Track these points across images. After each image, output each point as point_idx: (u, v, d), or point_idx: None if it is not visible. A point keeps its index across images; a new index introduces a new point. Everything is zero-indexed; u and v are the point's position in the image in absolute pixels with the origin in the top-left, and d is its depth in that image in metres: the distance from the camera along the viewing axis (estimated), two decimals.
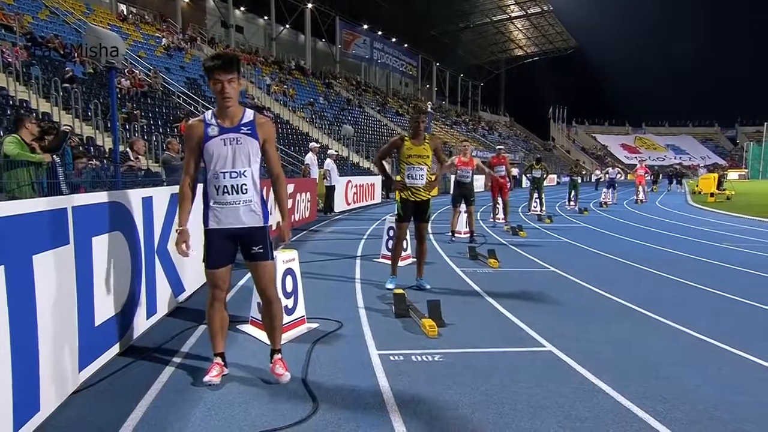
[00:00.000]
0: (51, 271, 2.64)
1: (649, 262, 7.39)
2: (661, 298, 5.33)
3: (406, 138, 5.54)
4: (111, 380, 3.13)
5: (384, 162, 5.99)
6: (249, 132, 2.96)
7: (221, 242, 3.02)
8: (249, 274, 3.21)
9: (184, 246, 3.00)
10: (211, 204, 2.99)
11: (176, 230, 3.01)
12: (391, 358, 3.56)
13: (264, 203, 3.08)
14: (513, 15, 61.96)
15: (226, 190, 2.94)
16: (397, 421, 2.66)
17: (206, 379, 3.03)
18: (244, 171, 2.95)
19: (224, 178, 2.93)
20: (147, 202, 4.02)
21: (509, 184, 11.91)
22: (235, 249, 3.09)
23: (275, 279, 3.27)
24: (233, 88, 2.89)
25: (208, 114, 3.00)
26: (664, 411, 2.76)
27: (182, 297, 4.90)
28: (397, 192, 5.66)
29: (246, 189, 2.96)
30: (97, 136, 14.38)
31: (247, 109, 3.04)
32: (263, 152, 3.05)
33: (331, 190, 14.52)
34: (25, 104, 13.60)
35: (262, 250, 3.06)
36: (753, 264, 7.28)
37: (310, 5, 44.45)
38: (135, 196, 3.82)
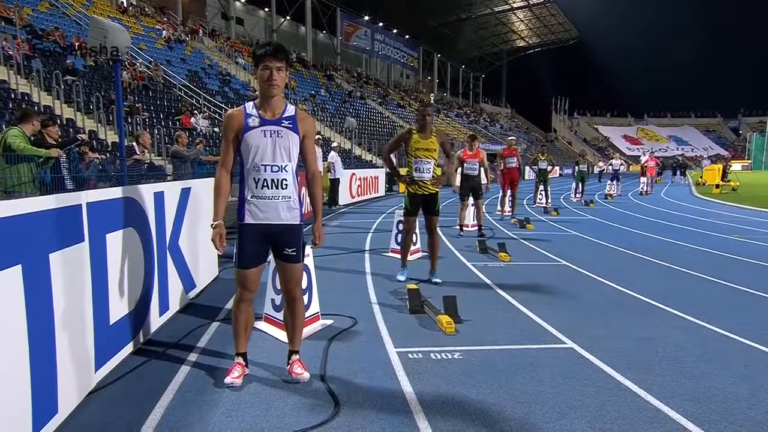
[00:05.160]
0: (67, 269, 2.56)
1: (660, 254, 7.32)
2: (677, 292, 5.25)
3: (414, 131, 5.50)
4: (127, 380, 3.07)
5: (392, 155, 5.96)
6: (290, 126, 2.88)
7: (255, 240, 2.93)
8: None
9: (218, 240, 2.88)
10: (248, 197, 2.89)
11: (212, 225, 2.89)
12: (410, 356, 3.49)
13: (301, 201, 3.01)
14: (515, 5, 61.38)
15: (265, 184, 2.85)
16: (422, 422, 2.60)
17: (228, 380, 2.96)
18: (285, 166, 2.86)
19: (264, 171, 2.84)
20: (159, 197, 3.94)
21: (520, 176, 11.82)
22: (267, 248, 3.00)
23: (302, 280, 3.20)
24: (281, 77, 2.82)
25: (249, 105, 2.91)
26: (696, 411, 2.69)
27: (193, 293, 4.84)
28: (401, 185, 5.63)
29: (286, 184, 2.88)
30: (100, 129, 14.27)
31: (288, 104, 2.96)
32: (301, 148, 2.96)
33: (335, 183, 14.44)
34: (26, 97, 13.49)
35: (294, 253, 2.99)
36: (766, 257, 7.19)
37: None
38: (147, 192, 3.75)
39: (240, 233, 2.94)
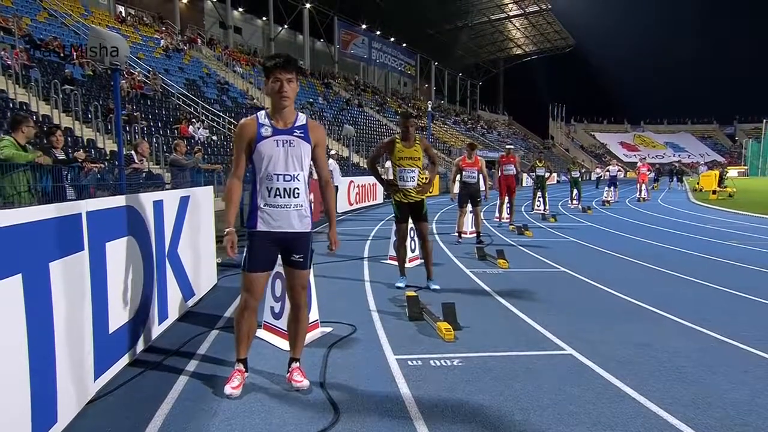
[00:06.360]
0: (67, 278, 2.57)
1: (658, 260, 7.34)
2: (675, 297, 5.27)
3: (397, 140, 5.56)
4: (126, 389, 3.06)
5: (377, 165, 6.02)
6: (302, 135, 2.91)
7: (266, 246, 2.94)
8: None
9: (230, 246, 2.89)
10: (261, 206, 2.91)
11: (225, 232, 2.90)
12: (409, 362, 3.50)
13: (311, 209, 3.03)
14: (511, 14, 61.95)
15: (278, 193, 2.87)
16: (422, 428, 2.60)
17: (227, 390, 2.93)
18: (297, 175, 2.89)
19: (277, 180, 2.86)
20: (158, 206, 3.95)
21: (517, 183, 11.87)
22: (277, 256, 3.02)
23: (308, 287, 3.20)
24: (291, 88, 2.85)
25: (261, 114, 2.94)
26: (695, 417, 2.70)
27: (192, 301, 4.83)
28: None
29: (298, 193, 2.90)
30: (98, 138, 14.30)
31: (299, 113, 2.99)
32: (313, 156, 3.00)
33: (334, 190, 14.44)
34: (25, 107, 13.51)
35: (302, 259, 3.01)
36: (764, 262, 7.22)
37: (308, 5, 44.37)
38: (146, 200, 3.76)
39: (251, 238, 2.96)
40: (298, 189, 2.90)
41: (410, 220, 5.78)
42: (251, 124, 2.89)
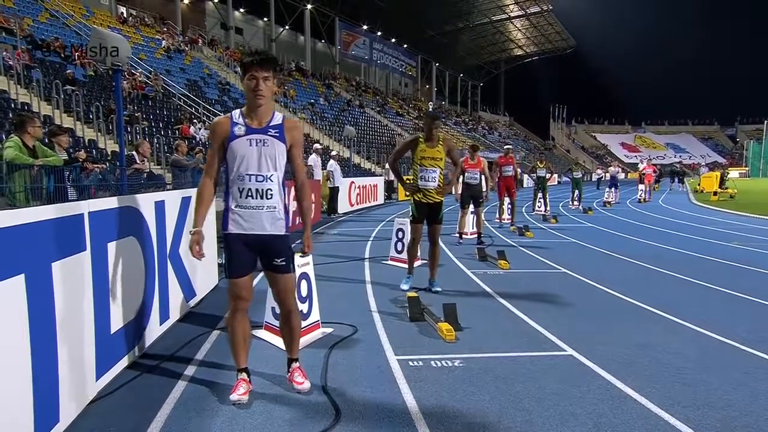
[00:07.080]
0: (69, 278, 2.58)
1: (659, 262, 7.34)
2: (675, 299, 5.27)
3: (420, 140, 5.52)
4: (128, 389, 3.07)
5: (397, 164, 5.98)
6: (277, 135, 2.83)
7: (242, 249, 2.86)
8: (262, 276, 3.11)
9: (197, 248, 2.83)
10: (232, 207, 2.83)
11: (191, 232, 2.85)
12: (410, 363, 3.50)
13: (287, 211, 2.94)
14: (512, 15, 61.97)
15: (250, 194, 2.80)
16: (423, 429, 2.61)
17: (234, 398, 2.88)
18: (270, 175, 2.81)
19: (249, 180, 2.79)
20: (159, 206, 3.96)
21: (516, 184, 11.86)
22: (255, 256, 2.93)
23: (295, 289, 3.15)
24: (267, 87, 2.78)
25: (236, 113, 2.87)
26: (696, 418, 2.70)
27: (193, 302, 4.84)
28: (401, 193, 5.66)
29: (271, 194, 2.82)
30: (99, 138, 14.32)
31: (276, 112, 2.91)
32: (289, 157, 2.91)
33: (334, 191, 14.47)
34: (26, 107, 13.53)
35: (284, 263, 2.93)
36: (765, 264, 7.22)
37: (309, 6, 44.44)
38: (148, 200, 3.76)
39: (226, 242, 2.89)
40: (271, 190, 2.81)
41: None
42: (224, 123, 2.83)
